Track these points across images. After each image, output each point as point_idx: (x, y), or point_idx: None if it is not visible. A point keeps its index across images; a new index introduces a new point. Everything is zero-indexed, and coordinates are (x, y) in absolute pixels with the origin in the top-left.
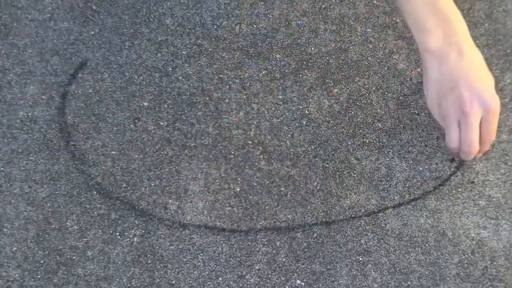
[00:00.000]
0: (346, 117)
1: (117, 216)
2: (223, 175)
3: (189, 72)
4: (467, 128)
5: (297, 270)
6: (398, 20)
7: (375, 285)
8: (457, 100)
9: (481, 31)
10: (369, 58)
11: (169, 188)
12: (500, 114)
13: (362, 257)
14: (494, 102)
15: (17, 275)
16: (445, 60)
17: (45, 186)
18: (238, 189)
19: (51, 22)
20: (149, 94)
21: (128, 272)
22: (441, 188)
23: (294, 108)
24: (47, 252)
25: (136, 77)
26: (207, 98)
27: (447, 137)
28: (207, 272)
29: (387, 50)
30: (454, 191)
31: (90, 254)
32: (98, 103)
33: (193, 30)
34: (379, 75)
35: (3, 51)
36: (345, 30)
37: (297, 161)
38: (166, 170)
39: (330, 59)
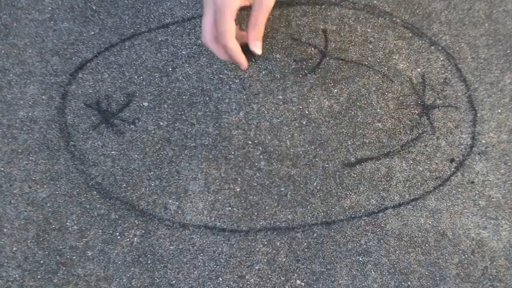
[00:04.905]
0: (346, 117)
1: (117, 216)
2: (223, 175)
3: (189, 72)
4: (219, 20)
5: (297, 270)
6: (398, 20)
7: (375, 285)
8: None
9: (481, 31)
10: (369, 58)
11: (169, 188)
12: (500, 114)
13: (362, 257)
14: None
15: (17, 275)
16: None
17: (45, 186)
18: (238, 189)
19: (51, 22)
20: (149, 94)
21: (128, 272)
22: (441, 188)
23: (294, 108)
24: (47, 252)
25: (136, 77)
26: (207, 98)
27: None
28: (207, 272)
29: (387, 50)
30: (454, 191)
31: (90, 254)
32: (98, 103)
33: (193, 30)
34: (379, 75)
35: (3, 51)
36: (345, 30)
37: (297, 161)
38: (166, 170)
39: (330, 59)
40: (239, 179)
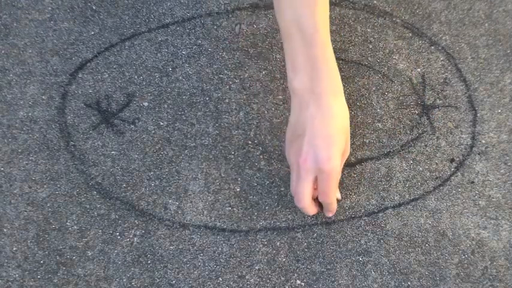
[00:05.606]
0: None
1: (117, 216)
2: (223, 175)
3: (189, 72)
4: (296, 180)
5: (297, 270)
6: (398, 20)
7: (375, 285)
8: (298, 150)
9: (481, 31)
10: (369, 58)
11: (169, 188)
12: (500, 114)
13: (362, 257)
14: (328, 164)
15: (17, 275)
16: (303, 107)
17: (45, 186)
18: (238, 189)
19: (51, 22)
20: (149, 94)
21: (128, 272)
22: (441, 188)
23: None
24: (47, 252)
25: (136, 77)
26: (207, 98)
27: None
28: (207, 272)
29: (387, 50)
30: (454, 191)
31: (90, 254)
32: (98, 103)
33: (193, 30)
34: (379, 75)
35: (3, 51)
36: (345, 30)
37: None
38: (166, 170)
39: None
40: (239, 179)
